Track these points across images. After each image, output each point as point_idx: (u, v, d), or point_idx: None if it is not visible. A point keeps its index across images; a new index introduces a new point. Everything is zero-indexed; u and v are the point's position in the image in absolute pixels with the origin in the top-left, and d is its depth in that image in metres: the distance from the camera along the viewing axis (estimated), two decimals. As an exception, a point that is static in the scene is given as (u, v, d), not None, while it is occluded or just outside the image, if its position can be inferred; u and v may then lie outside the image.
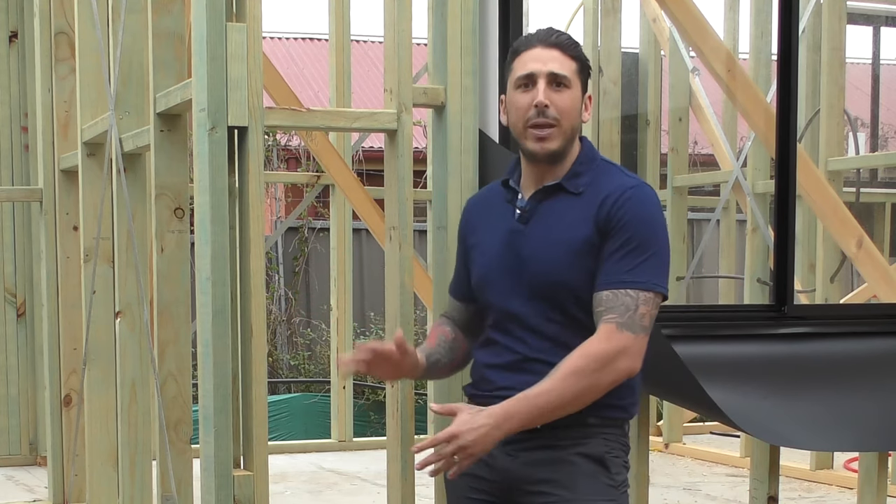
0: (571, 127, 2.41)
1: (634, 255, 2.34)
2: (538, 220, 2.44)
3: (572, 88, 2.40)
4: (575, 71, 2.41)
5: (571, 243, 2.38)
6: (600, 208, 2.37)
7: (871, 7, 7.03)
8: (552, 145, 2.39)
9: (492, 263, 2.48)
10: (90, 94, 3.83)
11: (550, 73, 2.38)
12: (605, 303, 2.33)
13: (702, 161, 9.96)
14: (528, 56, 2.42)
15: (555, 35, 2.43)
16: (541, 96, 2.37)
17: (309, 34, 16.02)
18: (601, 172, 2.45)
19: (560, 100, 2.39)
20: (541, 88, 2.38)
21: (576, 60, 2.42)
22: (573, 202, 2.41)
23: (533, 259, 2.41)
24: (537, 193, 2.45)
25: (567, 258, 2.38)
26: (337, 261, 6.34)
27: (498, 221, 2.50)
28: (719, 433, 6.84)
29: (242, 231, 2.78)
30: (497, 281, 2.46)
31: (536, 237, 2.42)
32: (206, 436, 2.67)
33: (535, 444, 2.40)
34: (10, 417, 5.66)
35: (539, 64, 2.39)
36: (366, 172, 10.01)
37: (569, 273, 2.38)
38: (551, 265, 2.39)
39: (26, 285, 5.66)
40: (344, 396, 6.37)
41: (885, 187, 7.71)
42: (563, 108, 2.39)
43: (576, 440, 2.39)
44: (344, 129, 4.10)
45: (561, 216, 2.41)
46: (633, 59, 6.52)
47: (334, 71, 6.09)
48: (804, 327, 3.45)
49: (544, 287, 2.40)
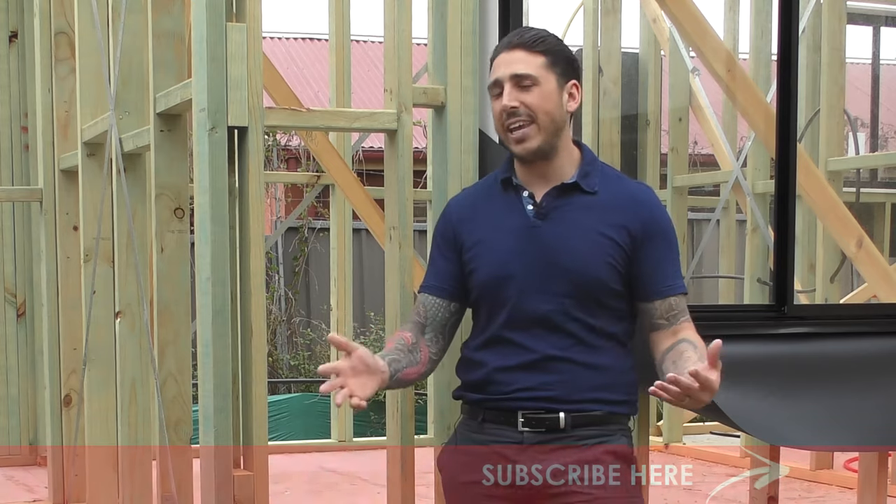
0: (550, 120, 2.42)
1: (674, 258, 2.46)
2: (558, 218, 2.43)
3: (542, 84, 2.41)
4: (542, 65, 2.42)
5: (599, 241, 2.40)
6: (632, 215, 2.42)
7: (871, 7, 7.03)
8: (532, 144, 2.41)
9: (509, 260, 2.43)
10: (90, 94, 3.83)
11: (513, 74, 2.41)
12: (676, 307, 2.44)
13: (702, 161, 9.95)
14: (496, 64, 2.46)
15: (518, 35, 2.45)
16: (505, 100, 2.41)
17: (309, 34, 16.03)
18: (606, 174, 2.49)
19: (529, 97, 2.40)
20: (506, 92, 2.42)
21: (543, 54, 2.42)
22: (591, 201, 2.43)
23: (564, 255, 2.40)
24: (553, 191, 2.45)
25: (597, 255, 2.40)
26: (337, 261, 6.33)
27: (505, 218, 2.47)
28: (719, 433, 6.83)
29: (242, 231, 2.78)
30: (518, 278, 2.42)
31: (560, 234, 2.41)
32: (206, 436, 2.67)
33: (561, 444, 2.39)
34: (10, 417, 5.65)
35: (502, 68, 2.43)
36: (366, 172, 10.00)
37: (600, 270, 2.39)
38: (583, 261, 2.39)
39: (26, 285, 5.66)
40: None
41: (885, 187, 7.69)
42: (532, 104, 2.40)
43: (598, 438, 2.40)
44: (344, 129, 4.11)
45: (583, 214, 2.42)
46: (633, 59, 6.51)
47: (334, 71, 6.09)
48: (804, 327, 3.44)
49: (576, 283, 2.39)
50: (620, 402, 2.44)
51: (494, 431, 2.43)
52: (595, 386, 2.39)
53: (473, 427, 2.48)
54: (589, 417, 2.38)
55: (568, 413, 2.38)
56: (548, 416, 2.39)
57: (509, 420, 2.41)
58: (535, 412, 2.39)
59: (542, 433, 2.38)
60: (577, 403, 2.39)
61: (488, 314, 2.48)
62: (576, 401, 2.39)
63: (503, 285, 2.43)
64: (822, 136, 5.77)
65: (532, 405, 2.39)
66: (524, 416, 2.40)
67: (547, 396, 2.39)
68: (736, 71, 5.14)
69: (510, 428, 2.41)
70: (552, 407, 2.39)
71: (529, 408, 2.39)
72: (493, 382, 2.43)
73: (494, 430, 2.43)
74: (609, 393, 2.42)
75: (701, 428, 6.97)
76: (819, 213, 5.28)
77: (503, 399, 2.40)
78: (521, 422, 2.40)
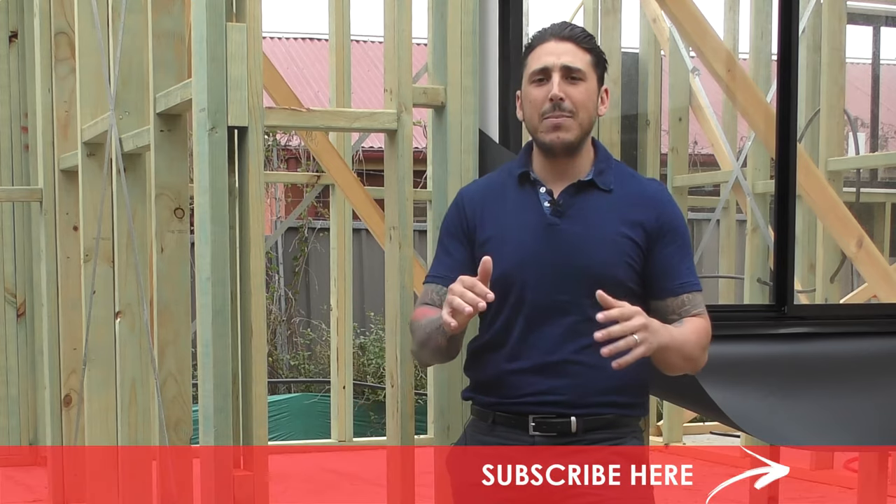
0: (588, 119, 2.41)
1: (689, 255, 2.43)
2: (576, 216, 2.40)
3: (587, 81, 2.40)
4: (590, 63, 2.41)
5: (615, 239, 2.38)
6: (644, 208, 2.41)
7: (871, 7, 7.03)
8: (568, 136, 2.38)
9: (526, 257, 2.38)
10: (90, 94, 3.83)
11: (564, 66, 2.38)
12: (689, 302, 2.41)
13: (702, 161, 9.95)
14: (543, 50, 2.41)
15: (569, 28, 2.43)
16: (555, 89, 2.37)
17: (309, 34, 16.01)
18: (620, 173, 2.47)
19: (575, 92, 2.38)
20: (555, 81, 2.38)
21: (590, 53, 2.42)
22: (607, 199, 2.42)
23: (582, 255, 2.37)
24: (570, 188, 2.42)
25: (616, 255, 2.38)
26: (337, 261, 6.34)
27: (521, 214, 2.43)
28: (719, 433, 6.83)
29: (242, 231, 2.78)
30: (534, 276, 2.37)
31: (579, 233, 2.39)
32: (206, 436, 2.68)
33: (572, 448, 2.37)
34: (10, 417, 5.65)
35: (553, 57, 2.39)
36: (366, 172, 10.00)
37: (618, 269, 2.38)
38: (602, 262, 2.37)
39: (26, 285, 5.66)
40: (344, 396, 6.36)
41: (885, 187, 7.69)
42: (578, 101, 2.38)
43: (609, 441, 2.38)
44: (344, 129, 4.11)
45: (599, 213, 2.41)
46: (633, 59, 6.51)
47: (334, 71, 6.09)
48: (804, 327, 3.44)
49: (594, 284, 2.28)
50: (631, 405, 2.42)
51: (505, 434, 2.40)
52: (606, 389, 2.36)
53: (483, 429, 2.45)
54: (600, 421, 2.37)
55: (580, 417, 2.36)
56: (559, 420, 2.36)
57: (520, 423, 2.38)
58: (546, 416, 2.37)
59: (553, 437, 2.36)
60: (589, 407, 2.37)
61: (500, 312, 2.41)
62: (587, 405, 2.36)
63: (517, 283, 2.38)
64: (822, 136, 5.77)
65: (543, 409, 2.37)
66: (535, 421, 2.37)
67: (558, 401, 2.36)
68: (736, 71, 5.15)
69: (521, 431, 2.38)
70: (563, 412, 2.36)
71: (540, 412, 2.37)
72: (505, 385, 2.40)
73: (505, 433, 2.40)
74: (620, 396, 2.39)
75: (701, 428, 6.97)
76: (819, 213, 5.28)
77: (514, 403, 2.38)
78: (532, 426, 2.38)
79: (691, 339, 2.35)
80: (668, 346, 2.26)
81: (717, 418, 3.15)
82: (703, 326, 2.41)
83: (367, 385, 9.20)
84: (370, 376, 9.48)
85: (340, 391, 6.36)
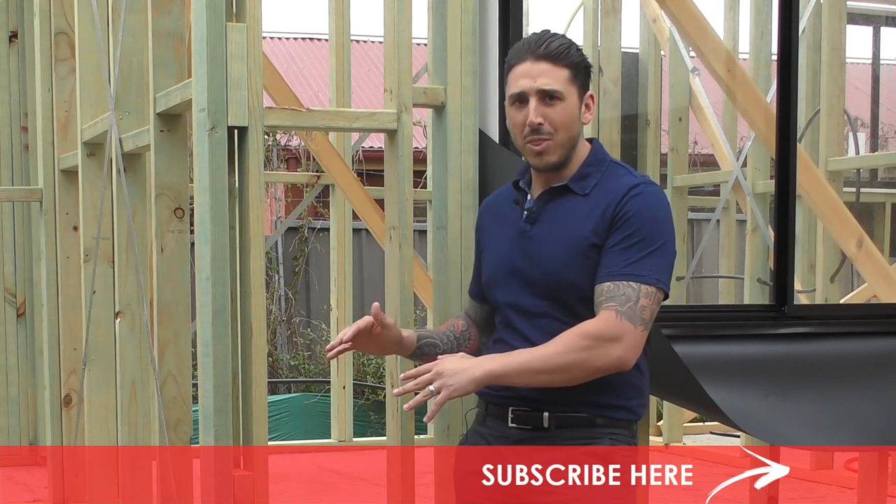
0: (569, 137, 2.42)
1: (638, 248, 2.34)
2: (544, 221, 2.45)
3: (566, 100, 2.40)
4: (567, 79, 2.40)
5: (577, 243, 2.39)
6: (606, 207, 2.38)
7: (871, 7, 7.03)
8: (552, 157, 2.42)
9: (500, 263, 2.49)
10: (90, 94, 3.83)
11: (540, 90, 2.39)
12: (605, 293, 2.33)
13: (702, 161, 9.95)
14: (519, 71, 2.42)
15: (544, 44, 2.40)
16: (532, 116, 2.39)
17: (309, 34, 16.01)
18: (610, 174, 2.45)
19: (553, 114, 2.40)
20: (532, 107, 2.39)
21: (568, 67, 2.41)
22: (580, 203, 2.42)
23: (539, 259, 2.42)
24: (544, 194, 2.46)
25: (572, 258, 2.39)
26: (337, 261, 6.34)
27: (507, 222, 2.52)
28: (719, 433, 6.84)
29: (242, 231, 2.78)
30: (504, 280, 2.48)
31: (542, 238, 2.44)
32: (206, 436, 2.68)
33: (544, 444, 2.40)
34: (10, 417, 5.65)
35: (529, 80, 2.40)
36: (366, 172, 10.00)
37: (574, 273, 2.38)
38: (557, 265, 2.40)
39: (26, 285, 5.66)
40: (344, 396, 6.37)
41: (885, 187, 7.70)
42: (556, 122, 2.40)
43: (584, 440, 2.40)
44: (344, 129, 4.10)
45: (566, 217, 2.42)
46: (633, 59, 6.51)
47: (334, 71, 6.09)
48: (804, 327, 3.45)
49: (550, 286, 2.41)
50: (615, 407, 2.41)
51: (492, 426, 2.48)
52: (584, 388, 2.36)
53: (479, 419, 2.55)
54: (574, 419, 2.39)
55: (552, 414, 2.40)
56: (534, 414, 2.42)
57: (502, 416, 2.46)
58: (523, 410, 2.43)
59: (528, 430, 2.41)
60: (562, 405, 2.40)
61: (493, 314, 2.57)
62: (560, 402, 2.39)
63: (494, 288, 2.51)
64: (822, 136, 5.77)
65: (520, 403, 2.43)
66: (513, 413, 2.44)
67: (531, 397, 2.41)
68: (736, 71, 5.15)
69: (503, 423, 2.46)
70: (538, 407, 2.41)
71: (518, 406, 2.44)
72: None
73: (492, 425, 2.48)
74: (601, 396, 2.40)
75: (701, 428, 6.98)
76: (819, 213, 5.28)
77: (498, 395, 2.45)
78: (511, 418, 2.44)
79: (540, 354, 2.30)
80: (505, 373, 2.29)
81: (717, 418, 3.15)
82: (575, 332, 2.30)
83: (367, 385, 9.20)
84: (370, 376, 9.49)
85: (340, 391, 6.36)
